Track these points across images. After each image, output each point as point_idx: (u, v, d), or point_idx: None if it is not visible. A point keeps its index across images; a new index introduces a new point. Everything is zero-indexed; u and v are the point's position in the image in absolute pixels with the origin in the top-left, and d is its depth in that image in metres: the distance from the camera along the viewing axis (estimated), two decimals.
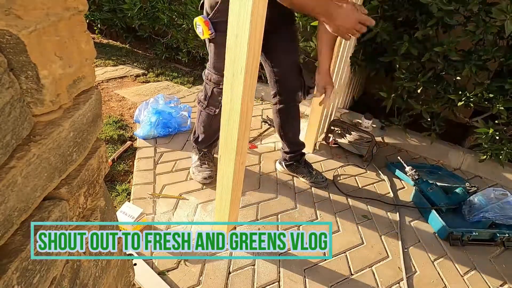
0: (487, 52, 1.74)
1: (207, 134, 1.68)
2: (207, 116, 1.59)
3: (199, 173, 1.69)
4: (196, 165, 1.73)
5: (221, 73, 1.39)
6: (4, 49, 0.36)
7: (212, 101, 1.52)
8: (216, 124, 1.61)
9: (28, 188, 0.41)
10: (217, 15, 1.30)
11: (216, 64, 1.42)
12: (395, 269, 1.35)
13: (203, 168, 1.70)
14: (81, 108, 0.50)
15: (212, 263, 1.27)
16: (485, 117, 2.07)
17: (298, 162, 1.78)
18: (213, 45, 1.40)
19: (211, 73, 1.46)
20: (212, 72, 1.46)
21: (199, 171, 1.69)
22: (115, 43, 4.02)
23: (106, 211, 0.64)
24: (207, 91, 1.51)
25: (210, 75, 1.47)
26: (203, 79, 1.54)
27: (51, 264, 0.45)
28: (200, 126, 1.66)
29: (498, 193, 1.55)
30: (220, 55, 1.37)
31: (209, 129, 1.66)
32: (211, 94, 1.50)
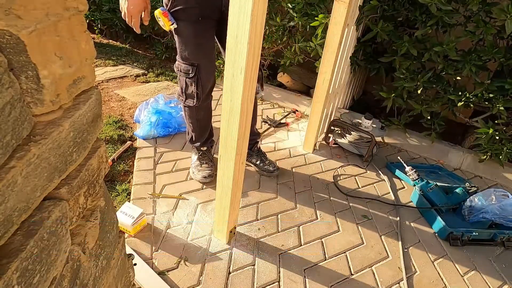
0: (487, 52, 1.74)
1: (197, 129, 1.67)
2: (190, 109, 1.59)
3: (199, 172, 1.69)
4: (196, 164, 1.73)
5: (189, 62, 1.41)
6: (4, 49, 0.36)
7: (188, 91, 1.51)
8: (201, 115, 1.62)
9: (28, 188, 0.41)
10: (174, 3, 1.31)
11: (183, 53, 1.41)
12: (395, 269, 1.35)
13: (203, 168, 1.70)
14: (81, 108, 0.50)
15: (212, 263, 1.27)
16: (485, 117, 2.07)
17: (250, 149, 1.81)
18: (176, 35, 1.40)
19: (180, 63, 1.44)
20: (181, 62, 1.44)
21: (199, 170, 1.70)
22: (115, 43, 4.02)
23: (106, 211, 0.64)
24: (182, 83, 1.50)
25: (179, 66, 1.45)
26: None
27: (51, 264, 0.45)
28: (188, 123, 1.66)
29: (499, 194, 1.55)
30: (185, 44, 1.39)
31: (197, 123, 1.65)
32: (185, 85, 1.49)
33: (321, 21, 2.03)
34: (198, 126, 1.66)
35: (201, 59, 1.43)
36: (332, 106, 2.21)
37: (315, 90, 1.89)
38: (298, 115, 2.60)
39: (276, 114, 2.58)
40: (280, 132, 2.33)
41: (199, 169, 1.70)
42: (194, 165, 1.74)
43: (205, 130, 1.70)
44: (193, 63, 1.42)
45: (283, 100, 2.76)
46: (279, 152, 2.08)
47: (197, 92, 1.49)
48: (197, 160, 1.74)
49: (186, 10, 1.33)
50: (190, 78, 1.45)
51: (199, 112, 1.61)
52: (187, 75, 1.45)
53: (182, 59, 1.43)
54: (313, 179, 1.85)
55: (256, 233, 1.44)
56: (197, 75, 1.44)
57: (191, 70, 1.43)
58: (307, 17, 2.22)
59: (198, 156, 1.75)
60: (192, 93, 1.50)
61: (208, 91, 1.55)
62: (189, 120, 1.64)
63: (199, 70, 1.43)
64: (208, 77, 1.49)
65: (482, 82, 1.86)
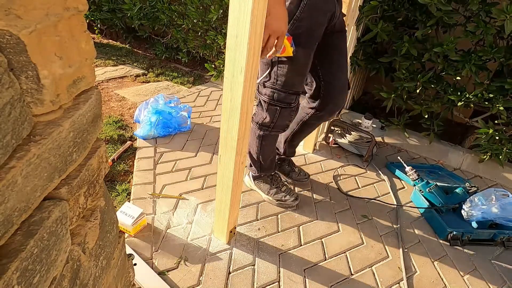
0: (487, 52, 1.74)
1: (270, 155, 1.52)
2: (271, 138, 1.43)
3: (286, 197, 1.56)
4: (275, 192, 1.57)
5: (294, 91, 1.26)
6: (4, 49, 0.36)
7: (280, 122, 1.33)
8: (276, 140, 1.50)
9: (28, 188, 0.41)
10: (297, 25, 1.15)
11: (289, 82, 1.23)
12: (395, 269, 1.35)
13: (285, 190, 1.58)
14: (81, 108, 0.50)
15: (212, 263, 1.27)
16: (485, 117, 2.07)
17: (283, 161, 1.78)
18: (288, 62, 1.20)
19: (280, 93, 1.26)
20: (282, 91, 1.25)
21: (284, 196, 1.56)
22: (115, 43, 4.02)
23: (106, 211, 0.64)
24: (273, 114, 1.31)
25: (277, 95, 1.27)
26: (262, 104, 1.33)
27: (51, 264, 0.45)
28: (262, 152, 1.47)
29: (499, 194, 1.55)
30: (297, 72, 1.23)
31: (272, 150, 1.51)
32: (279, 115, 1.31)
33: None
34: (272, 153, 1.52)
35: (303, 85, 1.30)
36: None
37: None
38: None
39: None
40: None
41: (283, 195, 1.57)
42: (272, 193, 1.58)
43: (274, 153, 1.56)
44: (298, 91, 1.28)
45: None
46: None
47: (290, 122, 1.35)
48: (272, 187, 1.58)
49: (309, 33, 1.18)
50: (289, 108, 1.30)
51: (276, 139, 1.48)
52: (287, 105, 1.29)
53: (285, 88, 1.25)
54: (313, 179, 1.85)
55: (256, 233, 1.44)
56: (296, 103, 1.31)
57: (294, 100, 1.28)
58: None
59: (272, 183, 1.59)
60: (284, 124, 1.35)
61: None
62: (264, 150, 1.46)
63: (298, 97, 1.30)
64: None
65: (482, 82, 1.86)
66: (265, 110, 1.33)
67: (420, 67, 2.09)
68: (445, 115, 2.12)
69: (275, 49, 1.03)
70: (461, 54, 1.86)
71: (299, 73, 1.24)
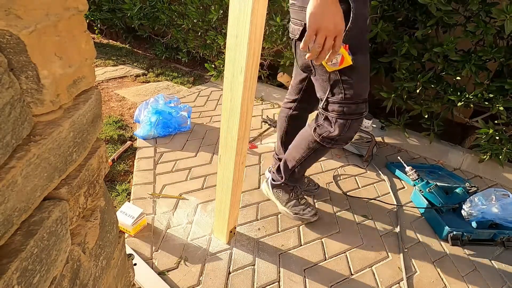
0: (486, 52, 1.74)
1: (307, 168, 1.45)
2: (326, 151, 1.35)
3: (305, 211, 1.49)
4: (293, 204, 1.51)
5: (362, 99, 1.17)
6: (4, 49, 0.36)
7: (349, 134, 1.23)
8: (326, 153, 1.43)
9: (28, 188, 0.41)
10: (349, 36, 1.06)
11: (356, 91, 1.15)
12: (395, 269, 1.35)
13: (304, 204, 1.51)
14: (81, 108, 0.50)
15: (212, 263, 1.27)
16: (485, 117, 2.07)
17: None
18: (350, 72, 1.11)
19: (349, 105, 1.16)
20: (351, 103, 1.16)
21: (303, 210, 1.50)
22: (115, 43, 4.02)
23: (106, 211, 0.64)
24: (344, 126, 1.20)
25: (347, 109, 1.17)
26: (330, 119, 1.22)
27: (51, 264, 0.45)
28: (303, 163, 1.39)
29: (499, 194, 1.55)
30: (361, 79, 1.15)
31: (313, 164, 1.42)
32: (348, 128, 1.20)
33: None
34: (309, 167, 1.44)
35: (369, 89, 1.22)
36: None
37: None
38: None
39: (276, 114, 2.58)
40: None
41: (302, 207, 1.50)
42: (290, 205, 1.51)
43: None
44: (365, 98, 1.19)
45: (283, 100, 2.75)
46: None
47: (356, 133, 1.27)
48: (292, 199, 1.52)
49: (361, 39, 1.11)
50: (359, 119, 1.20)
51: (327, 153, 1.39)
52: (359, 116, 1.19)
53: (354, 99, 1.15)
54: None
55: (256, 233, 1.44)
56: (366, 111, 1.21)
57: (365, 108, 1.20)
58: None
59: (292, 194, 1.52)
60: (350, 136, 1.25)
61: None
62: (306, 162, 1.38)
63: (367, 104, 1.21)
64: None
65: (482, 82, 1.86)
66: (334, 123, 1.22)
67: (420, 67, 2.09)
68: (445, 115, 2.12)
69: (334, 50, 0.95)
70: (461, 54, 1.86)
71: (364, 79, 1.17)
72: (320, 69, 1.15)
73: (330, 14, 0.90)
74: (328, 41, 0.92)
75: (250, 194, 1.67)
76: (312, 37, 0.92)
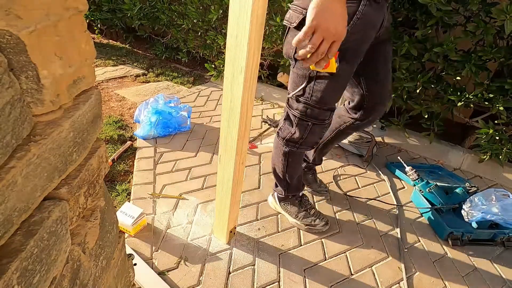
0: (487, 52, 1.74)
1: (298, 173, 1.42)
2: (298, 156, 1.33)
3: (315, 222, 1.46)
4: (303, 215, 1.47)
5: (328, 107, 1.14)
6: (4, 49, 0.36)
7: (311, 138, 1.22)
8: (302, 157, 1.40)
9: (28, 188, 0.41)
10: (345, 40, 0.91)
11: (325, 99, 1.11)
12: (395, 269, 1.35)
13: (314, 215, 1.48)
14: (81, 108, 0.50)
15: (212, 263, 1.27)
16: (485, 117, 2.07)
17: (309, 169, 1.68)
18: (329, 77, 1.07)
19: (313, 109, 1.14)
20: (316, 107, 1.13)
21: (314, 220, 1.46)
22: (115, 43, 4.02)
23: (106, 211, 0.64)
24: (303, 131, 1.20)
25: (310, 111, 1.14)
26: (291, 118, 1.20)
27: (51, 264, 0.45)
28: (288, 170, 1.36)
29: (499, 194, 1.55)
30: (336, 89, 1.11)
31: (299, 167, 1.41)
32: (309, 131, 1.19)
33: None
34: (299, 171, 1.42)
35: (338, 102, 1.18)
36: None
37: None
38: None
39: (276, 114, 2.59)
40: None
41: (313, 219, 1.47)
42: (301, 216, 1.47)
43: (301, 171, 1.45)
44: (332, 108, 1.16)
45: (283, 100, 2.76)
46: None
47: (320, 139, 1.25)
48: (301, 210, 1.48)
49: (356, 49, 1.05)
50: (321, 125, 1.18)
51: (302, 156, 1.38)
52: (321, 122, 1.17)
53: (320, 104, 1.12)
54: None
55: (256, 233, 1.44)
56: (330, 120, 1.19)
57: (329, 116, 1.17)
58: None
59: (300, 205, 1.49)
60: (314, 141, 1.24)
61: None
62: (290, 168, 1.35)
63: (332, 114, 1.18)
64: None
65: (482, 82, 1.86)
66: (295, 125, 1.20)
67: (420, 67, 2.09)
68: (445, 115, 2.12)
69: (326, 57, 0.87)
70: (461, 54, 1.86)
71: (338, 90, 1.13)
72: (301, 64, 1.08)
73: (333, 15, 0.81)
74: (324, 45, 0.84)
75: (250, 194, 1.67)
76: (308, 35, 0.84)
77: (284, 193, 1.47)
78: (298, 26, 1.01)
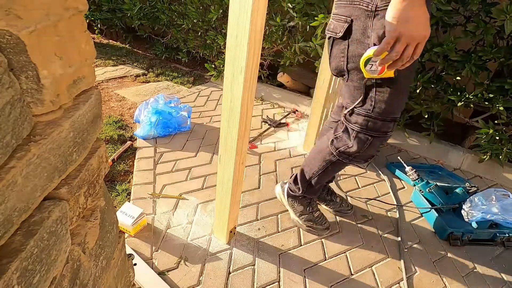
0: (487, 52, 1.74)
1: (325, 182, 1.37)
2: (344, 166, 1.27)
3: (318, 225, 1.44)
4: (307, 217, 1.45)
5: (392, 117, 1.05)
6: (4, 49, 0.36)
7: (368, 152, 1.13)
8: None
9: (28, 188, 0.41)
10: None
11: (388, 108, 1.02)
12: (395, 269, 1.35)
13: (318, 217, 1.45)
14: (81, 108, 0.50)
15: (212, 263, 1.27)
16: (485, 117, 2.07)
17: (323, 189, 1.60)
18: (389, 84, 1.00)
19: (375, 121, 1.05)
20: (379, 119, 1.04)
21: (315, 224, 1.44)
22: (115, 43, 4.02)
23: (106, 211, 0.64)
24: (364, 143, 1.10)
25: (372, 124, 1.06)
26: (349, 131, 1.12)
27: (51, 264, 0.45)
28: (320, 176, 1.31)
29: (499, 194, 1.55)
30: (398, 95, 1.02)
31: (331, 176, 1.38)
32: (369, 145, 1.10)
33: (321, 21, 2.03)
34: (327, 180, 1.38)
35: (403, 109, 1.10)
36: (332, 106, 2.21)
37: (315, 90, 1.89)
38: (298, 115, 2.60)
39: (276, 114, 2.59)
40: (280, 132, 2.33)
41: (316, 221, 1.45)
42: (304, 217, 1.46)
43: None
44: (396, 117, 1.07)
45: (283, 100, 2.76)
46: (279, 152, 2.08)
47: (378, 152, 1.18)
48: (306, 212, 1.46)
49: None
50: (382, 138, 1.09)
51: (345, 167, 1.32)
52: (383, 134, 1.07)
53: (383, 115, 1.03)
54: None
55: (256, 233, 1.44)
56: (393, 131, 1.10)
57: (392, 128, 1.08)
58: (307, 17, 2.22)
59: (307, 205, 1.46)
60: (370, 154, 1.14)
61: None
62: (324, 175, 1.30)
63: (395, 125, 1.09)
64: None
65: (482, 82, 1.86)
66: (353, 138, 1.11)
67: (420, 67, 2.09)
68: (445, 115, 2.12)
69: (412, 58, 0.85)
70: (461, 54, 1.86)
71: (401, 96, 1.04)
72: (355, 74, 1.04)
73: (416, 19, 0.79)
74: (408, 49, 0.82)
75: (250, 194, 1.67)
76: (391, 44, 0.83)
77: (299, 192, 1.43)
78: (344, 36, 1.00)
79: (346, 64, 1.04)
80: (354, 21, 0.96)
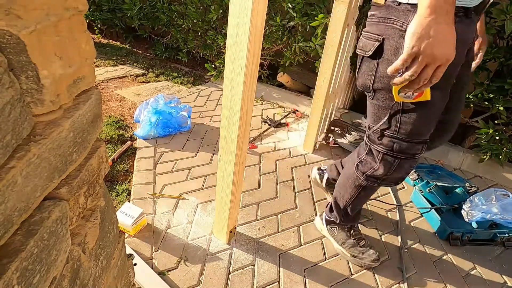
0: (487, 52, 1.74)
1: (361, 206, 1.33)
2: (375, 190, 1.24)
3: (364, 255, 1.33)
4: (351, 244, 1.35)
5: (421, 140, 1.00)
6: (4, 49, 0.36)
7: (397, 174, 1.08)
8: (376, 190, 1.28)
9: (28, 188, 0.41)
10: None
11: (421, 130, 0.98)
12: (395, 269, 1.35)
13: (364, 246, 1.36)
14: (81, 108, 0.50)
15: (212, 263, 1.27)
16: (485, 117, 2.07)
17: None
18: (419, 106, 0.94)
19: (402, 143, 1.00)
20: (405, 141, 1.00)
21: (363, 252, 1.34)
22: (115, 43, 4.02)
23: (106, 211, 0.64)
24: (391, 165, 1.05)
25: (398, 145, 1.01)
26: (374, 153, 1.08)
27: (51, 264, 0.45)
28: (354, 202, 1.26)
29: (499, 194, 1.55)
30: (429, 118, 0.97)
31: (366, 201, 1.31)
32: (397, 167, 1.05)
33: (321, 21, 2.03)
34: (363, 204, 1.34)
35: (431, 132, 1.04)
36: (332, 106, 2.21)
37: (315, 90, 1.89)
38: (298, 115, 2.60)
39: (276, 114, 2.59)
40: (280, 132, 2.33)
41: (362, 250, 1.34)
42: (348, 245, 1.36)
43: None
44: (425, 140, 1.02)
45: (283, 100, 2.76)
46: (279, 152, 2.08)
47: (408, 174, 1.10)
48: (350, 239, 1.36)
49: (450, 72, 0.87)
50: (411, 160, 1.04)
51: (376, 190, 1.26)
52: (411, 157, 1.03)
53: (410, 137, 0.99)
54: None
55: (256, 233, 1.44)
56: (422, 153, 1.05)
57: (421, 150, 1.03)
58: (307, 17, 2.22)
59: (350, 233, 1.37)
60: (400, 177, 1.09)
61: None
62: (357, 201, 1.25)
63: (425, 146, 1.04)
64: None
65: (482, 82, 1.86)
66: (379, 160, 1.07)
67: None
68: None
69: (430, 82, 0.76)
70: None
71: (431, 119, 0.98)
72: (382, 94, 0.97)
73: (440, 37, 0.70)
74: (427, 71, 0.73)
75: (250, 194, 1.67)
76: (407, 62, 0.74)
77: (337, 220, 1.37)
78: (374, 55, 0.95)
79: (372, 83, 0.98)
80: (385, 40, 0.91)
